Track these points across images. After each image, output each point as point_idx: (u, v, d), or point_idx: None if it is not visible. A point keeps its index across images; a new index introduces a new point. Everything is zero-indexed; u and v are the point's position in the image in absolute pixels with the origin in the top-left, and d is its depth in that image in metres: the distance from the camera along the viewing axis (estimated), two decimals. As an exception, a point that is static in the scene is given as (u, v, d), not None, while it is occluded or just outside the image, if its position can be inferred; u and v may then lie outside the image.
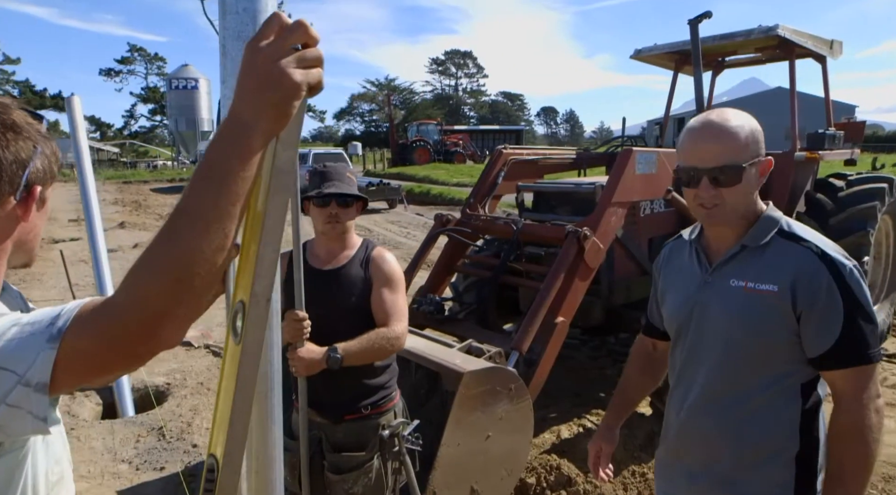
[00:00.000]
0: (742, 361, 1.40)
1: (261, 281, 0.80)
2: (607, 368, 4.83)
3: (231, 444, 0.85)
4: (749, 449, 1.41)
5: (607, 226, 3.41)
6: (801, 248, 1.33)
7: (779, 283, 1.32)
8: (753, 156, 1.35)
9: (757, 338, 1.37)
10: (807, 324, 1.31)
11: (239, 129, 0.71)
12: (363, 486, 2.04)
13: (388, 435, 2.05)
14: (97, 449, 3.62)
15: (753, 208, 1.41)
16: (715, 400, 1.45)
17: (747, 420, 1.41)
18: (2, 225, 0.87)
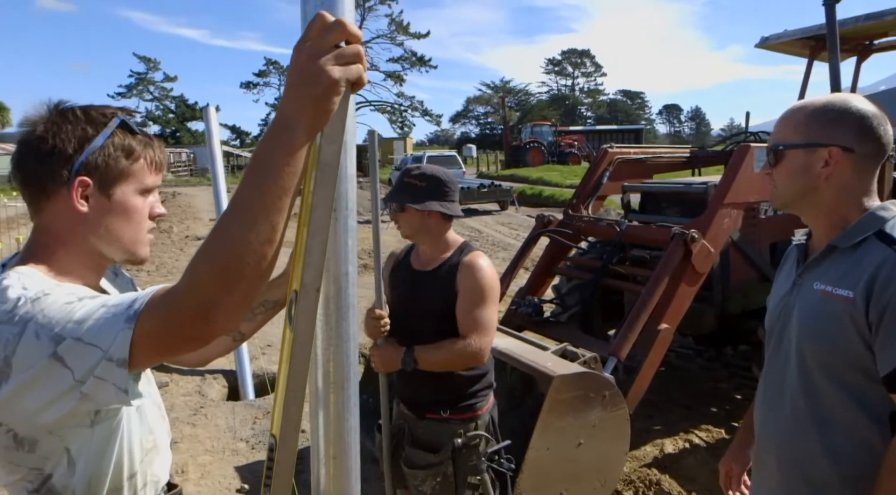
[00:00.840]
0: (816, 375, 1.25)
1: (309, 271, 0.84)
2: (722, 382, 4.48)
3: (286, 425, 0.90)
4: (821, 475, 1.25)
5: (719, 228, 3.18)
6: (889, 251, 1.16)
7: (855, 289, 1.16)
8: (805, 140, 1.24)
9: (826, 348, 1.21)
10: (876, 336, 1.14)
11: (283, 126, 0.75)
12: (430, 488, 2.04)
13: (460, 445, 2.00)
14: (221, 427, 3.98)
15: (842, 202, 1.27)
16: (787, 415, 1.32)
17: (819, 444, 1.25)
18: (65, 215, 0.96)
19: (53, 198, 0.95)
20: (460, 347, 1.93)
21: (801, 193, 1.28)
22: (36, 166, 0.94)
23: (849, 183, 1.25)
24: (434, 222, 2.03)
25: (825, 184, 1.25)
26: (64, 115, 0.96)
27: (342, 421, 1.18)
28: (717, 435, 3.67)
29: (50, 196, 0.95)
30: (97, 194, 0.97)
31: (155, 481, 1.10)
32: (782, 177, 1.30)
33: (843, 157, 1.23)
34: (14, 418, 0.86)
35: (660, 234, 3.27)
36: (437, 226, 2.04)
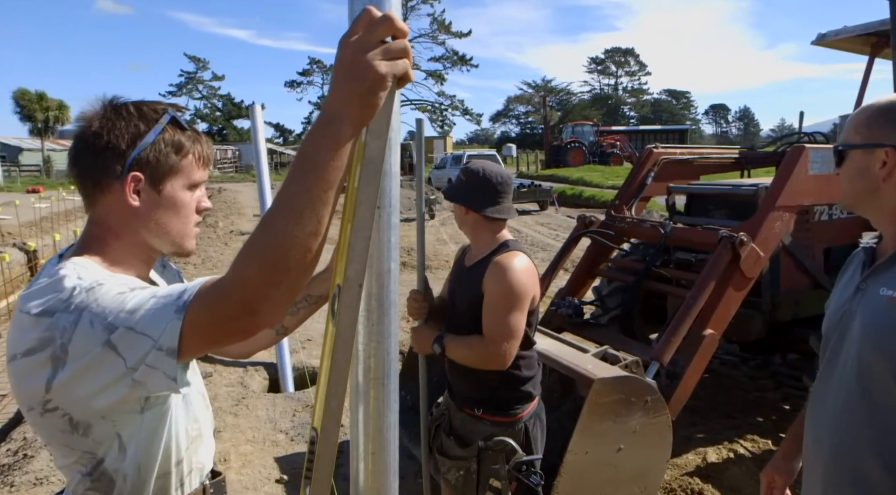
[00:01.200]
0: (877, 384, 1.19)
1: (353, 266, 0.84)
2: (769, 391, 4.33)
3: (327, 419, 0.90)
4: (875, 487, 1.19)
5: (769, 232, 3.06)
6: None
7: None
8: (864, 140, 1.20)
9: (890, 356, 1.15)
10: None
11: (329, 120, 0.75)
12: (454, 478, 2.07)
13: (484, 446, 1.99)
14: (261, 418, 4.07)
15: None
16: (843, 426, 1.25)
17: (876, 457, 1.19)
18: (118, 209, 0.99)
19: (107, 192, 0.98)
20: (480, 347, 1.91)
21: (862, 195, 1.26)
22: (91, 161, 0.97)
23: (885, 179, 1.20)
24: (472, 218, 2.02)
25: (885, 185, 1.21)
26: (118, 112, 0.99)
27: (382, 417, 1.18)
28: (763, 445, 3.54)
29: (104, 190, 0.98)
30: (148, 189, 1.00)
31: (200, 468, 1.13)
32: (845, 179, 1.28)
33: None
34: (70, 403, 0.89)
35: (707, 237, 3.18)
36: (475, 223, 2.03)
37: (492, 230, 2.04)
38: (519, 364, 1.98)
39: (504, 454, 2.00)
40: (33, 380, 0.88)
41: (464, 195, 2.00)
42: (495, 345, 1.88)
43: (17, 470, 3.32)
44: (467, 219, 2.03)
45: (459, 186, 2.03)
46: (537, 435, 2.09)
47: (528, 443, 2.05)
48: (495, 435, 2.00)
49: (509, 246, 2.01)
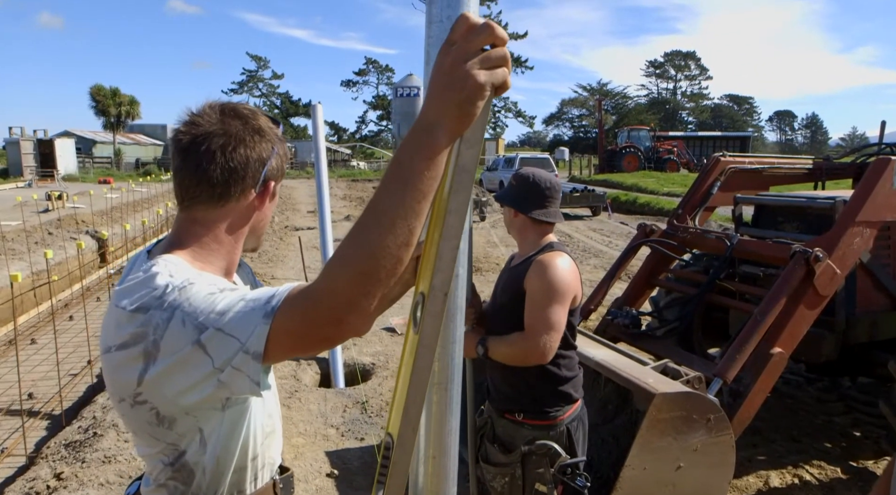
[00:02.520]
0: None
1: (439, 275, 0.83)
2: (838, 416, 4.10)
3: (405, 427, 0.90)
4: None
5: (848, 248, 2.90)
6: None
7: None
8: None
9: None
10: None
11: (425, 129, 0.74)
12: (500, 485, 2.07)
13: (526, 450, 1.99)
14: (313, 412, 4.14)
15: None
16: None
17: None
18: (244, 212, 1.03)
19: (241, 199, 1.01)
20: (522, 342, 1.94)
21: None
22: (230, 169, 0.98)
23: None
24: (519, 221, 2.08)
25: None
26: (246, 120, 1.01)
27: (444, 422, 1.17)
28: (831, 473, 3.35)
29: (237, 197, 1.00)
30: (272, 194, 1.06)
31: (272, 463, 1.15)
32: None
33: None
34: (158, 397, 0.91)
35: (777, 251, 3.04)
36: (522, 225, 2.09)
37: (538, 233, 2.08)
38: (558, 362, 2.00)
39: (548, 458, 2.00)
40: (127, 373, 0.90)
41: (512, 198, 2.08)
42: (536, 337, 1.91)
43: (88, 446, 3.49)
44: (515, 221, 2.10)
45: (509, 190, 2.11)
46: (580, 437, 2.08)
47: (571, 446, 2.05)
48: (537, 439, 2.00)
49: (554, 247, 2.06)
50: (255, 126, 1.01)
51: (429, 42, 1.03)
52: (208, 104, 1.01)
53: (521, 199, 2.06)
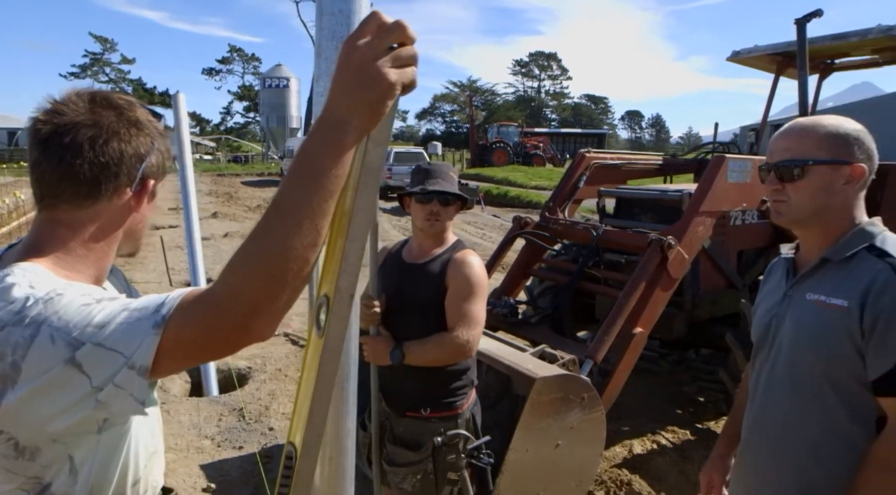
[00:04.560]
0: (808, 381, 1.31)
1: (346, 277, 0.82)
2: (686, 385, 4.61)
3: (309, 435, 0.87)
4: (811, 479, 1.31)
5: (693, 235, 3.26)
6: (882, 264, 1.22)
7: (850, 299, 1.23)
8: (832, 157, 1.28)
9: (821, 356, 1.27)
10: (868, 343, 1.20)
11: (333, 127, 0.72)
12: (411, 485, 2.05)
13: (440, 443, 2.00)
14: (184, 424, 3.86)
15: (842, 217, 1.32)
16: (778, 422, 1.37)
17: (809, 448, 1.31)
18: (117, 214, 0.93)
19: (113, 197, 0.91)
20: (448, 340, 1.94)
21: (821, 209, 1.31)
22: (101, 164, 0.88)
23: (852, 199, 1.31)
24: (454, 214, 2.10)
25: (839, 201, 1.30)
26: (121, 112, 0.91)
27: (341, 422, 1.16)
28: (682, 436, 3.76)
29: (108, 195, 0.90)
30: (151, 193, 0.97)
31: (154, 486, 1.06)
32: (802, 193, 1.31)
33: (862, 175, 1.29)
34: (18, 426, 0.80)
35: (637, 240, 3.34)
36: (451, 220, 2.11)
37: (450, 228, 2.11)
38: None
39: (458, 446, 2.05)
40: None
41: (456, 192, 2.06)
42: (465, 333, 1.94)
43: None
44: (453, 213, 2.08)
45: (450, 183, 2.06)
46: (479, 419, 2.18)
47: (476, 429, 2.14)
48: (447, 431, 2.03)
49: (463, 244, 2.12)
50: (131, 118, 0.91)
51: (320, 34, 1.00)
52: (75, 92, 0.90)
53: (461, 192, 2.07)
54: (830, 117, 1.34)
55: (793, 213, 1.34)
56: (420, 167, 2.10)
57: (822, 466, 1.29)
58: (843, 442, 1.26)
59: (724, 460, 1.67)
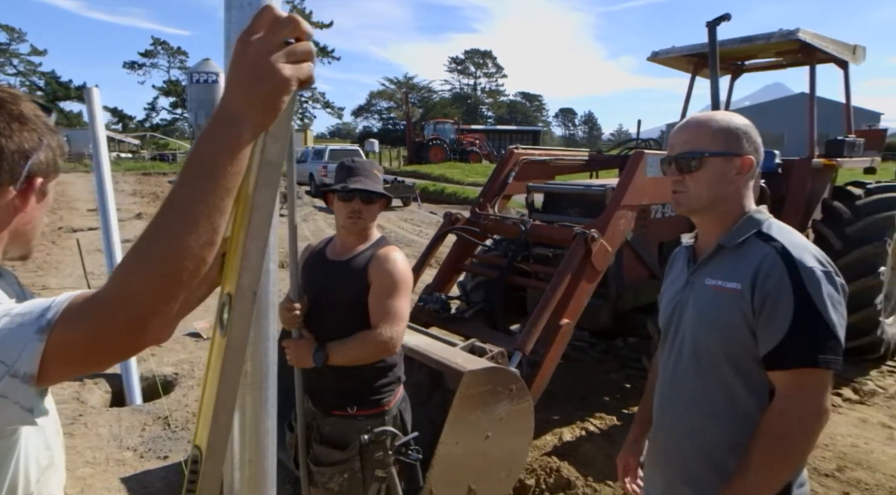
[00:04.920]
0: (709, 361, 1.40)
1: (247, 274, 0.81)
2: (613, 372, 4.80)
3: (214, 436, 0.86)
4: (716, 452, 1.40)
5: (616, 228, 3.39)
6: (768, 247, 1.33)
7: (742, 282, 1.32)
8: (725, 149, 1.37)
9: (720, 336, 1.36)
10: (759, 321, 1.30)
11: (228, 123, 0.71)
12: (338, 484, 2.03)
13: (367, 441, 2.00)
14: (103, 436, 3.67)
15: (735, 206, 1.42)
16: (685, 401, 1.46)
17: (713, 423, 1.40)
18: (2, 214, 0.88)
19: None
20: (371, 338, 1.94)
21: (716, 198, 1.40)
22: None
23: (743, 189, 1.41)
24: (379, 211, 2.09)
25: (732, 190, 1.40)
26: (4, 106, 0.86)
27: (259, 423, 1.14)
28: (609, 422, 3.91)
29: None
30: (40, 192, 0.92)
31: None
32: (700, 184, 1.39)
33: (751, 166, 1.38)
34: None
35: (562, 233, 3.43)
36: (376, 216, 2.10)
37: None
38: None
39: (385, 443, 2.05)
40: None
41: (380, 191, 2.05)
42: (388, 330, 1.94)
43: None
44: (376, 212, 2.07)
45: (379, 182, 2.06)
46: (408, 415, 2.19)
47: (404, 425, 2.15)
48: (374, 428, 2.03)
49: (387, 240, 2.11)
50: (14, 112, 0.86)
51: (229, 27, 0.98)
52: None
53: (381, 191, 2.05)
54: (722, 113, 1.44)
55: (692, 203, 1.42)
56: (343, 164, 2.09)
57: (725, 439, 1.38)
58: (742, 415, 1.36)
59: (639, 443, 1.76)
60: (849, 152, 5.19)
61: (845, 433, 3.84)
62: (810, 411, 1.26)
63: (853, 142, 5.25)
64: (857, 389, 4.50)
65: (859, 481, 3.27)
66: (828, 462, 3.47)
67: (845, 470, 3.38)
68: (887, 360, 5.02)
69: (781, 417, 1.27)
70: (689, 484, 1.45)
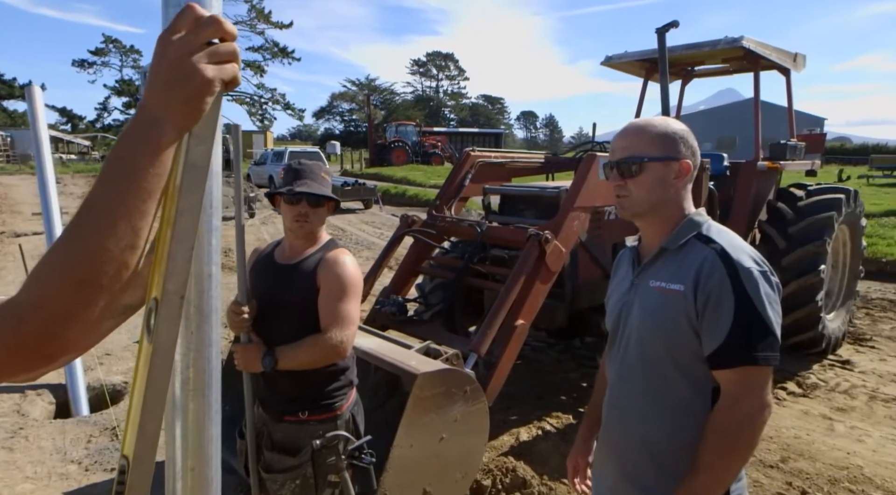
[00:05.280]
0: (655, 362, 1.43)
1: (173, 278, 0.79)
2: (571, 372, 4.87)
3: (142, 445, 0.83)
4: (661, 450, 1.43)
5: (569, 230, 3.44)
6: (708, 249, 1.37)
7: (684, 283, 1.36)
8: (663, 154, 1.40)
9: (665, 337, 1.40)
10: (702, 322, 1.34)
11: (148, 124, 0.69)
12: (290, 491, 2.01)
13: (319, 446, 1.98)
14: (46, 450, 3.53)
15: (675, 209, 1.45)
16: (632, 401, 1.49)
17: (659, 422, 1.43)
18: None
19: None
20: (321, 342, 1.92)
21: (658, 202, 1.43)
22: None
23: (682, 192, 1.45)
24: (328, 213, 2.08)
25: (672, 193, 1.43)
26: None
27: (202, 431, 1.12)
28: (565, 420, 3.97)
29: None
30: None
31: None
32: (641, 188, 1.42)
33: (689, 170, 1.42)
34: None
35: (517, 235, 3.47)
36: (325, 219, 2.08)
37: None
38: None
39: (337, 447, 2.03)
40: None
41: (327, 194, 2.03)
42: (338, 334, 1.92)
43: None
44: (324, 215, 2.06)
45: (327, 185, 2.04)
46: (360, 419, 2.18)
47: (357, 430, 2.13)
48: (326, 433, 2.01)
49: (336, 243, 2.09)
50: None
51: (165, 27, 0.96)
52: None
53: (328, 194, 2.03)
54: (660, 118, 1.47)
55: (634, 207, 1.45)
56: (290, 167, 2.06)
57: (672, 438, 1.42)
58: (687, 414, 1.40)
59: (588, 443, 1.79)
60: (791, 155, 5.41)
61: (789, 425, 4.00)
62: (755, 407, 1.30)
63: (795, 145, 5.48)
64: (801, 383, 4.68)
65: (801, 471, 3.40)
66: (772, 453, 3.61)
67: (788, 460, 3.52)
68: (829, 355, 5.25)
69: (728, 415, 1.31)
70: (633, 481, 1.48)
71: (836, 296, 5.62)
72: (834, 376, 4.86)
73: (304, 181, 1.99)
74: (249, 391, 2.03)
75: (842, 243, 5.61)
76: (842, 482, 3.30)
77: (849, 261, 5.71)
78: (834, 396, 4.48)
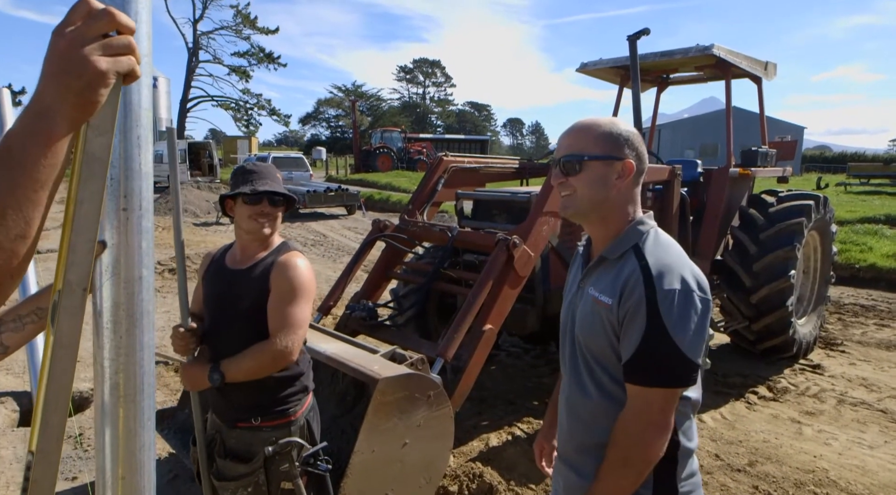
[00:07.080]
0: (589, 364, 1.45)
1: (74, 269, 0.78)
2: (545, 377, 4.87)
3: (46, 439, 0.82)
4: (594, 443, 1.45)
5: (538, 235, 3.45)
6: (636, 265, 1.36)
7: (612, 296, 1.37)
8: (605, 153, 1.40)
9: (595, 345, 1.42)
10: (620, 335, 1.36)
11: (38, 115, 0.69)
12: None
13: (272, 452, 1.95)
14: (6, 459, 3.45)
15: (619, 212, 1.44)
16: (573, 396, 1.52)
17: (593, 418, 1.45)
18: None
19: None
20: (267, 348, 1.88)
21: (598, 202, 1.42)
22: None
23: (626, 194, 1.44)
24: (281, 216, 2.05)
25: (614, 194, 1.42)
26: None
27: (133, 438, 1.10)
28: (536, 426, 3.96)
29: None
30: None
31: None
32: (583, 186, 1.41)
33: (632, 170, 1.42)
34: None
35: (486, 240, 3.47)
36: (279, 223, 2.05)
37: None
38: (297, 359, 2.00)
39: (291, 454, 2.00)
40: None
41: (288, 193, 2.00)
42: (284, 338, 1.88)
43: None
44: (280, 217, 2.03)
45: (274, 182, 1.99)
46: (316, 425, 2.14)
47: (312, 436, 2.10)
48: (279, 439, 1.98)
49: (290, 246, 2.06)
50: None
51: None
52: None
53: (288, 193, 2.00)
54: (606, 118, 1.47)
55: (576, 206, 1.44)
56: (244, 168, 2.03)
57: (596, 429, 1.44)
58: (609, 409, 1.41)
59: (552, 429, 1.82)
60: (762, 162, 5.48)
61: (758, 429, 4.03)
62: (646, 425, 1.31)
63: (766, 152, 5.56)
64: (771, 387, 4.73)
65: (767, 474, 3.43)
66: (740, 457, 3.63)
67: (756, 464, 3.54)
68: (800, 359, 5.31)
69: (624, 428, 1.34)
70: (574, 468, 1.51)
71: (807, 301, 5.69)
72: (804, 380, 4.91)
73: (263, 181, 1.97)
74: (196, 400, 2.01)
75: (813, 249, 5.69)
76: (807, 485, 3.32)
77: (820, 266, 5.79)
78: (803, 400, 4.53)
